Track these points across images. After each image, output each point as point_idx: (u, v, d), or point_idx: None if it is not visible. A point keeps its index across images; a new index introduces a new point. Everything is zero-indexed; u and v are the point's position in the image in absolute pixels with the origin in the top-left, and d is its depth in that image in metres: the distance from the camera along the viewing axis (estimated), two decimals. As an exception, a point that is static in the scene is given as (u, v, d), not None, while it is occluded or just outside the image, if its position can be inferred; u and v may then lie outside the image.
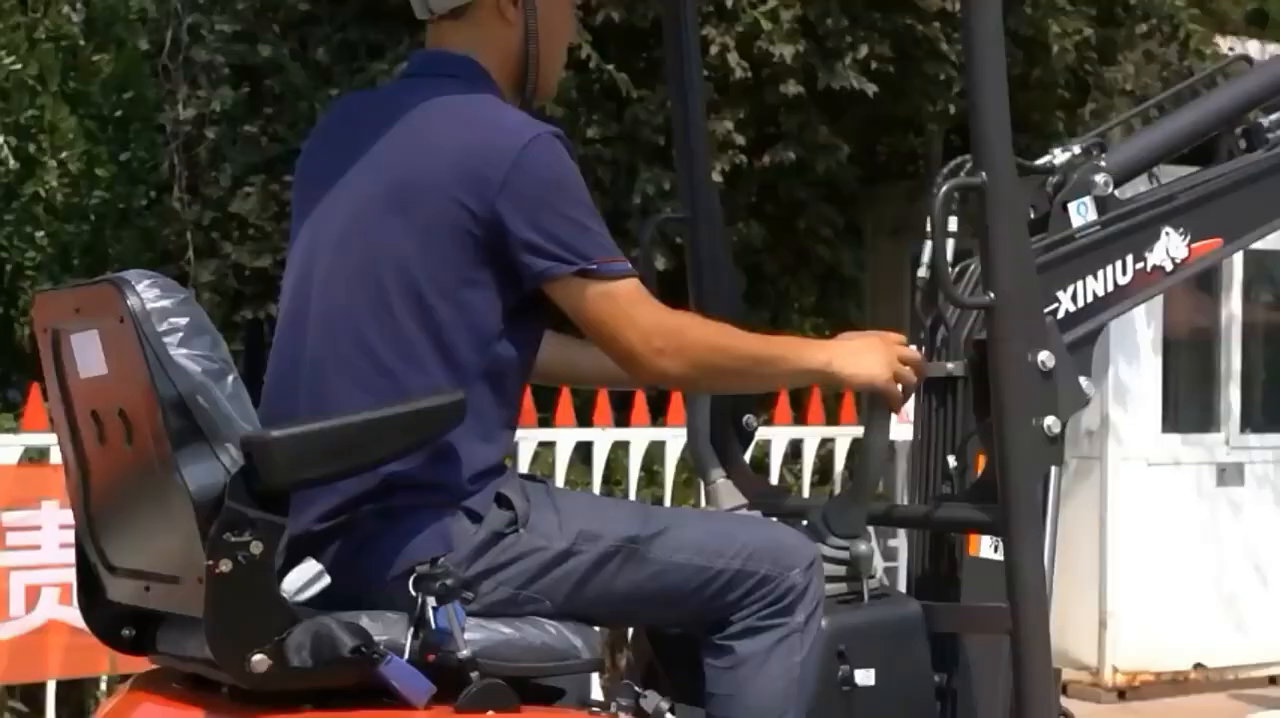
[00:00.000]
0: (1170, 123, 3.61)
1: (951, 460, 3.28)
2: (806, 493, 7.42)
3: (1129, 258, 3.36)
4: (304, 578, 2.60)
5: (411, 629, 2.64)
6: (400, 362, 2.75)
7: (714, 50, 7.59)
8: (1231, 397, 9.01)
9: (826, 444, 7.71)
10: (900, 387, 3.01)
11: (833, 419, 7.79)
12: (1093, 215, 3.33)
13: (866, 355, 2.98)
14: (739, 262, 8.13)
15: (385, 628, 2.64)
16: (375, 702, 2.59)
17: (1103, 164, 3.37)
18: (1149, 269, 3.38)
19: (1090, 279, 3.31)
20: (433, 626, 2.62)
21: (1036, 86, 8.38)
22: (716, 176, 7.48)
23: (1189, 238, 3.42)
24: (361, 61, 7.98)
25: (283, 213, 8.02)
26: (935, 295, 3.34)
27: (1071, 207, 3.32)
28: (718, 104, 7.81)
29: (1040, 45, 8.06)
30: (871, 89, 7.84)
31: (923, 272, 3.37)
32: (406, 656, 2.61)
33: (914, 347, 3.21)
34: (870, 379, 2.99)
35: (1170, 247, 3.40)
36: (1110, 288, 3.34)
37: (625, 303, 2.77)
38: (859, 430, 7.78)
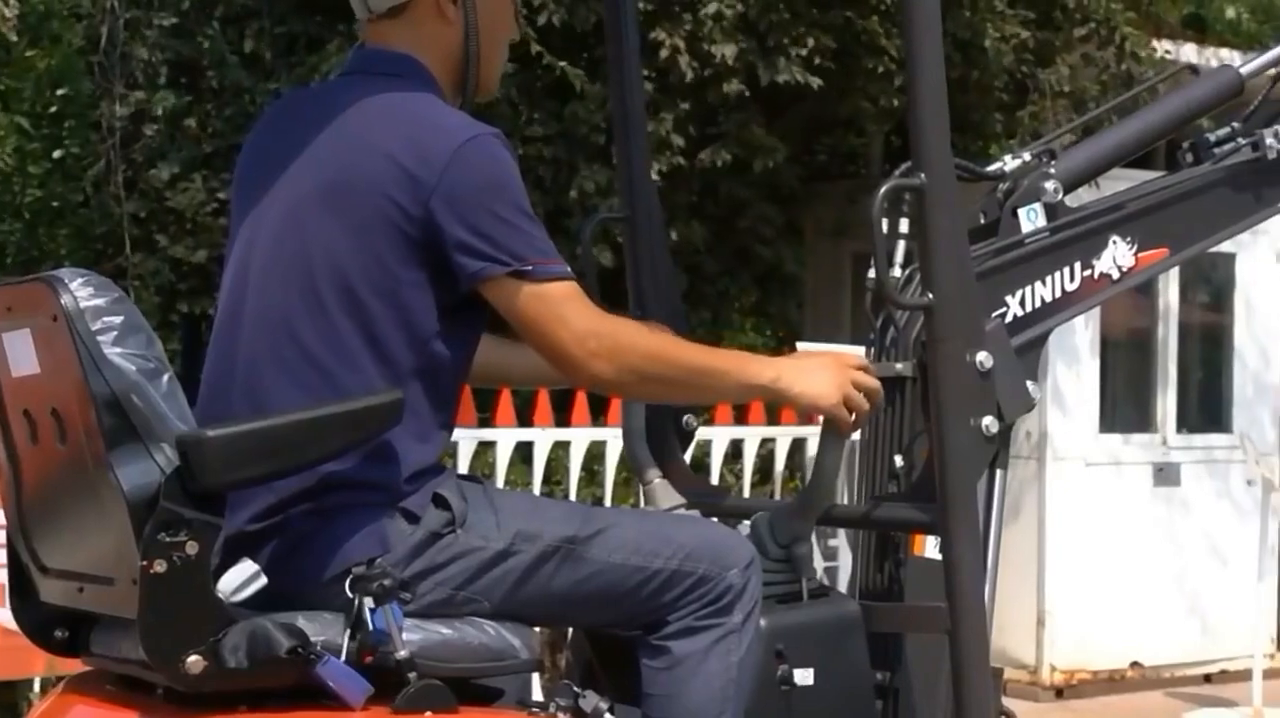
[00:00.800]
0: (1118, 131, 3.64)
1: (898, 460, 3.29)
2: (747, 493, 7.44)
3: (1077, 265, 3.38)
4: (240, 578, 2.58)
5: (348, 630, 2.62)
6: (336, 361, 2.74)
7: (664, 54, 7.59)
8: (1168, 398, 9.09)
9: (767, 444, 7.73)
10: (852, 413, 2.99)
11: (774, 419, 7.81)
12: (1042, 222, 3.35)
13: (817, 375, 2.96)
14: (679, 261, 8.14)
15: (322, 629, 2.63)
16: (312, 703, 2.57)
17: (1052, 171, 3.40)
18: (1096, 276, 3.41)
19: (1039, 284, 3.33)
20: (370, 626, 2.60)
21: (975, 88, 8.44)
22: (655, 177, 7.48)
23: (1136, 247, 3.45)
24: (300, 55, 7.94)
25: (221, 208, 7.97)
26: (883, 296, 3.35)
27: (1021, 213, 3.34)
28: (657, 104, 7.82)
29: (978, 48, 8.11)
30: (816, 83, 7.86)
31: (872, 272, 3.38)
32: (343, 656, 2.60)
33: (857, 349, 3.22)
34: (816, 399, 2.97)
35: (1117, 255, 3.43)
36: (1058, 294, 3.36)
37: (559, 304, 2.76)
38: (800, 431, 7.86)
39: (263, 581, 2.59)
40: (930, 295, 2.96)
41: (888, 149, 9.25)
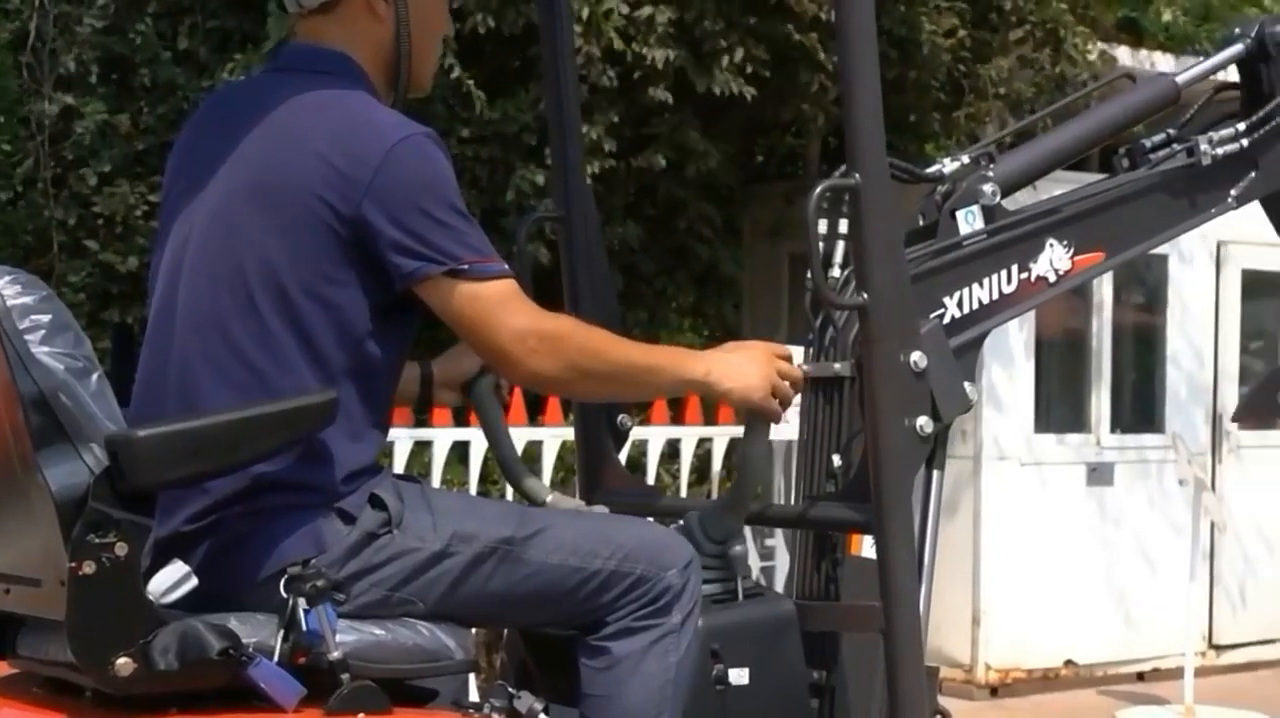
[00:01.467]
0: (1056, 136, 3.67)
1: (836, 460, 3.29)
2: (684, 493, 7.45)
3: (1014, 267, 3.40)
4: (171, 580, 2.56)
5: (281, 631, 2.61)
6: (268, 360, 2.72)
7: (579, 61, 7.58)
8: (1102, 398, 9.15)
9: (704, 444, 7.74)
10: (778, 401, 3.02)
11: (710, 419, 7.81)
12: (980, 224, 3.37)
13: (746, 369, 2.99)
14: (616, 261, 8.14)
15: (254, 630, 2.61)
16: (243, 705, 2.55)
17: (990, 174, 3.42)
18: (1033, 279, 3.43)
19: (976, 287, 3.35)
20: (303, 627, 2.59)
21: (913, 88, 8.46)
22: (588, 179, 7.47)
23: (1072, 250, 3.47)
24: (235, 52, 7.88)
25: (151, 211, 7.90)
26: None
27: (960, 215, 3.35)
28: (590, 108, 7.81)
29: (914, 44, 8.13)
30: (750, 92, 7.87)
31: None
32: (276, 658, 2.58)
33: (796, 348, 3.23)
34: (745, 395, 3.01)
35: (1054, 258, 3.45)
36: (995, 296, 3.38)
37: (496, 304, 2.75)
38: (737, 430, 7.85)
39: (194, 582, 2.57)
40: (865, 296, 2.96)
41: (826, 150, 9.27)
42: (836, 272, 3.35)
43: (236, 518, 2.71)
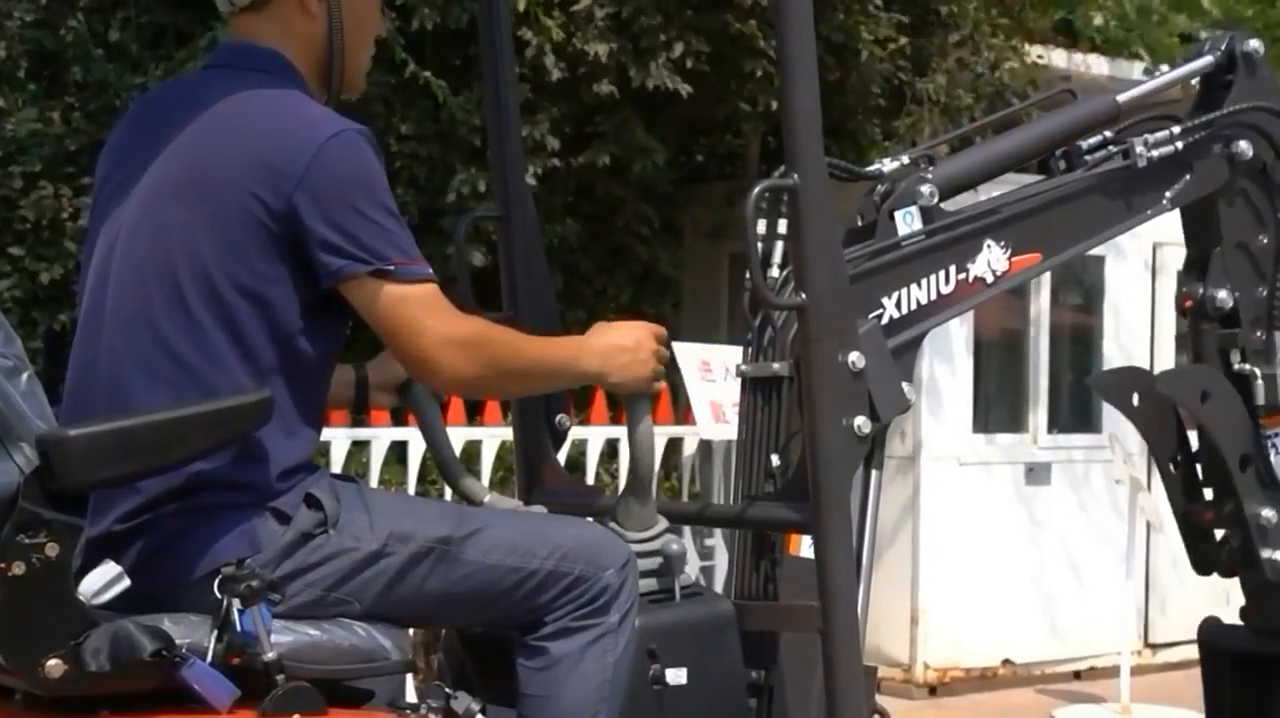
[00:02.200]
0: (997, 145, 3.70)
1: (775, 460, 3.30)
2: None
3: (952, 268, 3.42)
4: (103, 580, 2.54)
5: (215, 632, 2.59)
6: (200, 358, 2.70)
7: (530, 53, 7.57)
8: (1039, 398, 9.21)
9: (644, 444, 7.72)
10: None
11: (650, 419, 7.80)
12: (918, 225, 3.38)
13: (630, 358, 3.01)
14: (556, 260, 8.13)
15: (188, 631, 2.59)
16: (176, 706, 2.54)
17: (929, 176, 3.43)
18: (971, 280, 3.44)
19: (914, 287, 3.36)
20: (237, 628, 2.58)
21: (852, 93, 8.49)
22: (531, 179, 7.47)
23: (1010, 251, 3.49)
24: (169, 48, 7.82)
25: (78, 214, 7.81)
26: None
27: (898, 215, 3.36)
28: (533, 106, 7.79)
29: (852, 52, 8.16)
30: (686, 89, 7.87)
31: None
32: (209, 659, 2.56)
33: (734, 348, 3.25)
34: (636, 384, 3.06)
35: (992, 259, 3.47)
36: (933, 296, 3.39)
37: (420, 308, 2.74)
38: (676, 430, 7.87)
39: (126, 582, 2.55)
40: (803, 296, 2.96)
41: (766, 150, 9.29)
42: (775, 272, 3.36)
43: (169, 517, 2.69)
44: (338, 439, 6.63)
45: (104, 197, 2.89)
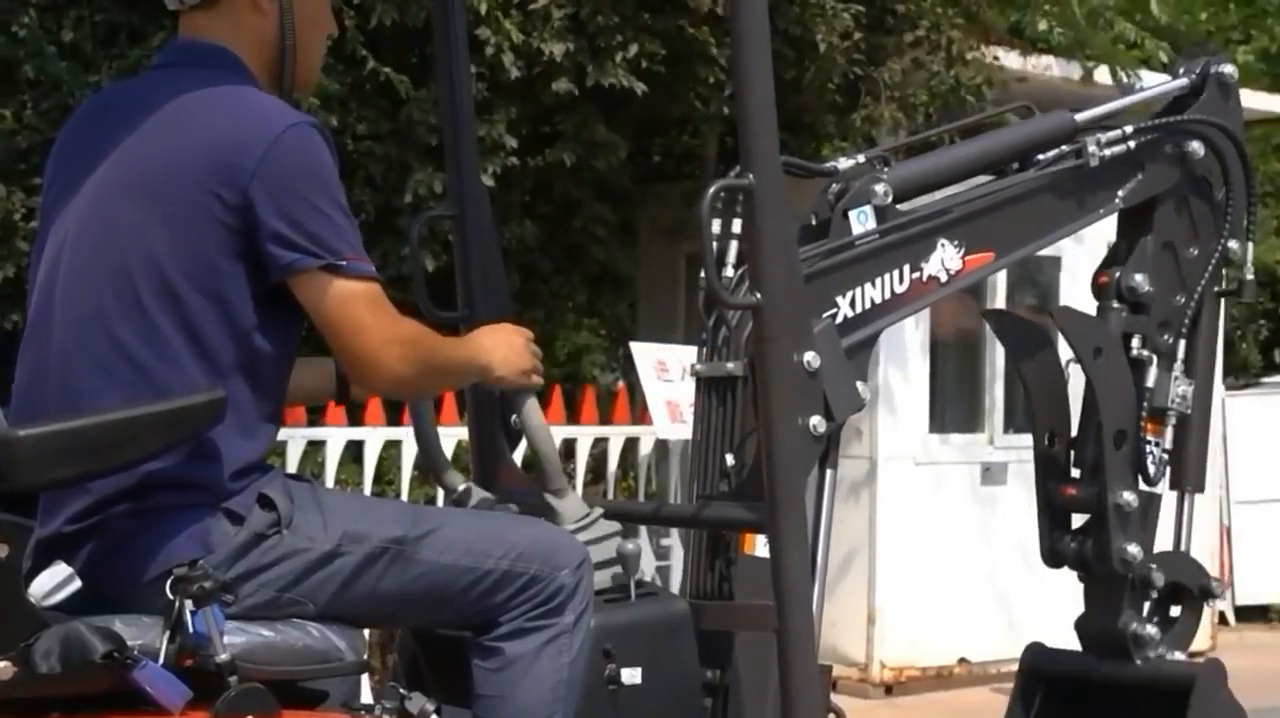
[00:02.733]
0: (953, 152, 3.72)
1: (730, 459, 3.30)
2: (580, 492, 7.43)
3: (906, 267, 3.43)
4: (53, 581, 2.53)
5: (167, 633, 2.58)
6: (153, 357, 2.69)
7: (489, 51, 7.56)
8: (995, 398, 9.24)
9: (600, 444, 7.74)
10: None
11: (606, 419, 7.82)
12: (872, 224, 3.39)
13: (513, 356, 3.04)
14: (513, 259, 8.11)
15: (140, 632, 2.58)
16: (128, 708, 2.52)
17: (884, 176, 3.44)
18: (925, 279, 3.46)
19: (869, 286, 3.37)
20: (189, 629, 2.57)
21: (809, 89, 8.50)
22: (488, 179, 7.45)
23: (963, 250, 3.51)
24: (123, 47, 7.77)
25: (31, 214, 7.74)
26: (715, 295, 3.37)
27: (852, 214, 3.37)
28: (490, 104, 7.79)
29: (809, 45, 8.18)
30: (640, 88, 7.88)
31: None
32: (161, 660, 2.56)
33: (689, 348, 3.26)
34: (524, 381, 3.09)
35: (945, 258, 3.48)
36: (888, 295, 3.40)
37: (366, 307, 2.73)
38: (633, 430, 7.87)
39: (77, 584, 2.54)
40: (758, 295, 2.97)
41: (723, 150, 9.30)
42: (730, 271, 3.36)
43: (121, 518, 2.68)
44: (293, 439, 6.61)
45: (53, 196, 2.88)
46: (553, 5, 7.67)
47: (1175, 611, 3.95)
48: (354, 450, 6.92)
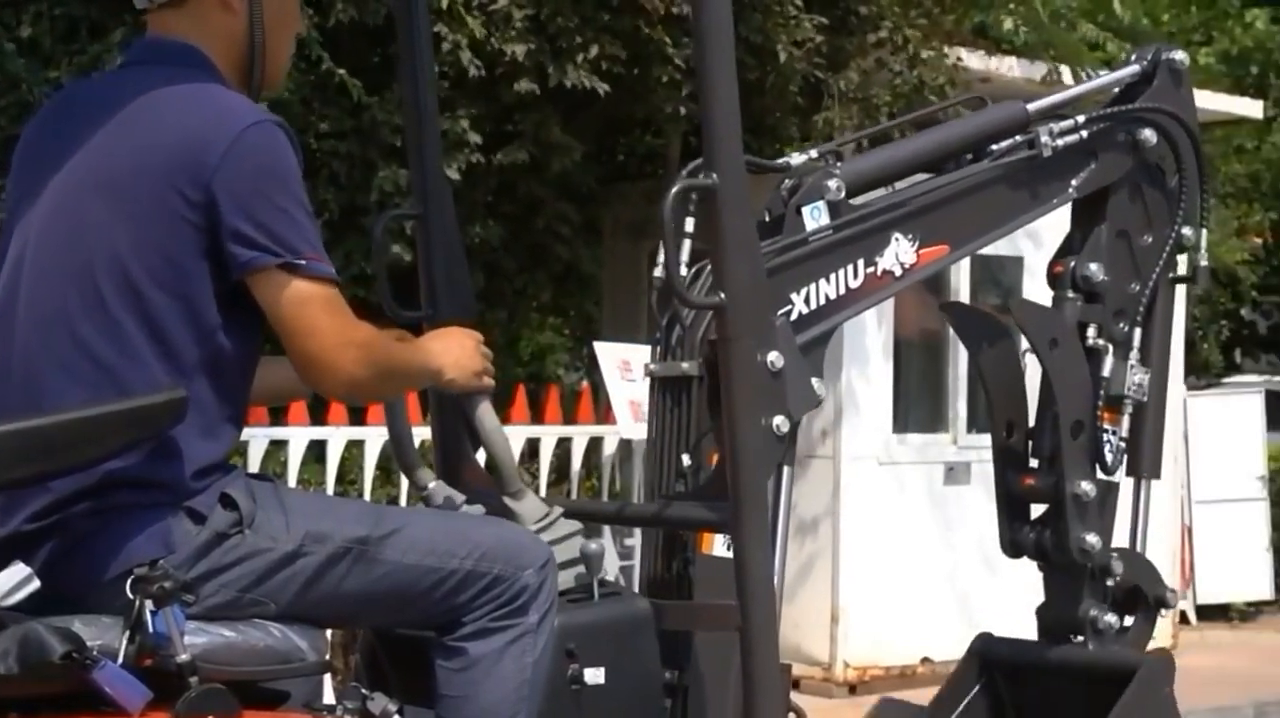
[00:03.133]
0: (905, 145, 3.72)
1: (686, 459, 3.29)
2: (544, 492, 7.43)
3: (860, 262, 3.43)
4: (11, 581, 2.52)
5: (127, 633, 2.56)
6: (116, 356, 2.68)
7: (445, 48, 7.55)
8: (959, 398, 9.27)
9: (564, 444, 7.73)
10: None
11: (570, 419, 7.81)
12: (826, 220, 3.39)
13: (466, 360, 3.03)
14: (477, 259, 8.10)
15: (99, 632, 2.56)
16: (88, 709, 2.51)
17: (837, 171, 3.44)
18: (879, 273, 3.46)
19: (823, 282, 3.37)
20: (150, 629, 2.55)
21: (771, 92, 8.51)
22: (453, 175, 7.44)
23: (917, 244, 3.51)
24: (83, 43, 7.72)
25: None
26: (671, 295, 3.36)
27: (805, 210, 3.37)
28: (453, 102, 7.77)
29: (770, 53, 8.19)
30: (603, 88, 7.88)
31: (659, 271, 3.40)
32: (121, 661, 2.54)
33: (642, 347, 3.25)
34: (478, 385, 3.08)
35: (900, 252, 3.48)
36: (842, 291, 3.40)
37: (324, 307, 2.71)
38: (597, 429, 7.87)
39: (35, 583, 2.53)
40: (722, 295, 2.97)
41: (686, 150, 9.30)
42: (684, 270, 3.36)
43: (81, 517, 2.66)
44: (255, 438, 6.58)
45: (17, 195, 2.86)
46: (513, 6, 7.66)
47: (1129, 619, 3.95)
48: (316, 450, 6.90)
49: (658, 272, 3.41)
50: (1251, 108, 11.84)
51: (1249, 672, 9.53)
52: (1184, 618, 10.74)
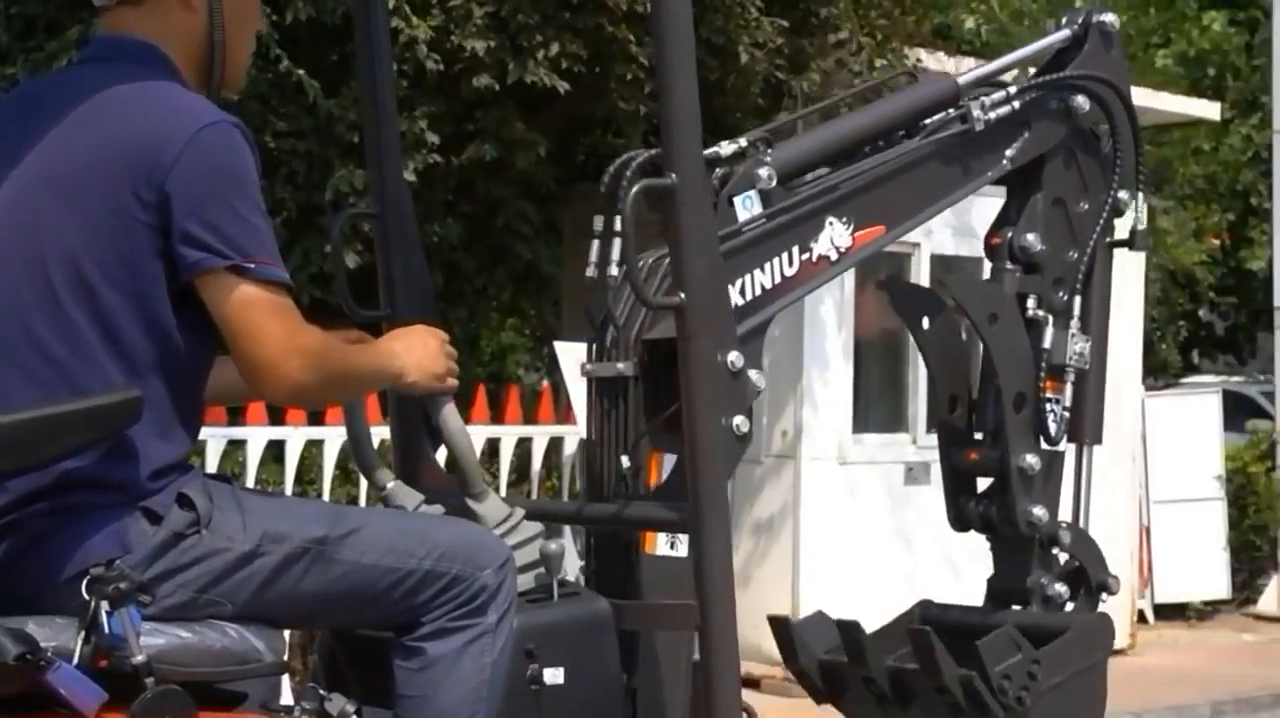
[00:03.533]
0: (836, 126, 3.68)
1: (625, 461, 3.28)
2: (504, 492, 7.42)
3: (795, 249, 3.40)
4: (-34, 583, 2.49)
5: (82, 634, 2.55)
6: (70, 356, 2.66)
7: (403, 39, 7.53)
8: (918, 399, 9.29)
9: (524, 444, 7.72)
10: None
11: (530, 418, 7.80)
12: (758, 209, 3.36)
13: (428, 361, 3.00)
14: (436, 259, 8.08)
15: (54, 633, 2.55)
16: (42, 711, 2.50)
17: (767, 159, 3.41)
18: (815, 259, 3.43)
19: (758, 272, 3.34)
20: (105, 630, 2.54)
21: (731, 92, 8.52)
22: (410, 175, 7.42)
23: (852, 226, 3.48)
24: (39, 40, 7.68)
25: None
26: (605, 294, 3.35)
27: (737, 201, 3.34)
28: (411, 101, 7.76)
29: (731, 54, 8.20)
30: (564, 86, 7.88)
31: (590, 271, 3.39)
32: (76, 662, 2.53)
33: (578, 344, 3.25)
34: (440, 386, 3.05)
35: (834, 236, 3.46)
36: (778, 279, 3.37)
37: (272, 312, 2.68)
38: (557, 429, 7.86)
39: (-11, 585, 2.50)
40: (681, 295, 2.96)
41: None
42: (614, 269, 3.34)
43: (36, 517, 2.65)
44: (213, 438, 6.55)
45: (-27, 189, 2.83)
46: (473, 3, 7.65)
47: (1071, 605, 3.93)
48: (275, 450, 6.87)
49: (590, 271, 3.40)
50: (1209, 109, 11.91)
51: (1206, 671, 9.59)
52: (1142, 617, 10.79)
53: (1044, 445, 3.80)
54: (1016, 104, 3.70)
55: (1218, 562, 11.54)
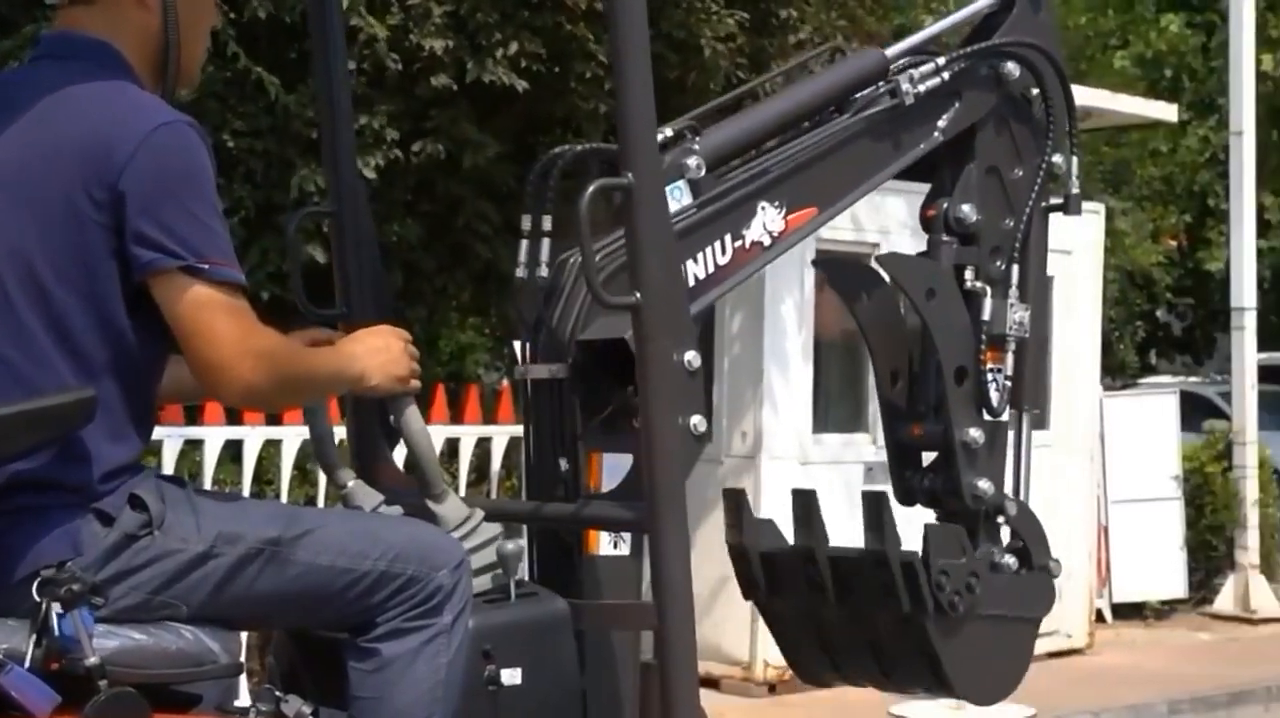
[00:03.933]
0: (764, 108, 3.64)
1: (563, 463, 3.27)
2: (463, 492, 7.40)
3: (727, 237, 3.37)
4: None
5: (34, 637, 2.54)
6: (22, 357, 2.65)
7: (361, 38, 7.52)
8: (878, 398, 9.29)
9: (483, 443, 7.71)
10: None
11: (490, 418, 7.78)
12: (688, 199, 3.32)
13: (387, 360, 2.97)
14: (395, 258, 8.06)
15: (5, 636, 2.54)
16: (-7, 713, 2.48)
17: (695, 148, 3.37)
18: (748, 246, 3.40)
19: (690, 263, 3.31)
20: (57, 632, 2.53)
21: (692, 90, 8.53)
22: (370, 173, 7.40)
23: (784, 210, 3.45)
24: (-8, 37, 7.64)
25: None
26: (534, 295, 3.33)
27: (666, 192, 3.33)
28: (370, 99, 7.74)
29: (693, 48, 8.21)
30: (522, 85, 7.87)
31: (520, 272, 3.37)
32: (28, 664, 2.52)
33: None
34: (401, 387, 3.03)
35: (767, 221, 3.43)
36: (711, 269, 3.34)
37: (225, 313, 2.67)
38: (517, 429, 7.82)
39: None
40: (638, 295, 2.96)
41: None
42: (543, 270, 3.33)
43: (-14, 518, 2.62)
44: (170, 438, 6.52)
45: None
46: (432, 2, 7.64)
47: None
48: (233, 450, 6.84)
49: (520, 272, 3.38)
50: (1166, 111, 11.97)
51: (1163, 670, 9.63)
52: (1100, 616, 10.84)
53: (986, 417, 3.77)
54: (946, 75, 3.66)
55: (1175, 561, 11.60)
